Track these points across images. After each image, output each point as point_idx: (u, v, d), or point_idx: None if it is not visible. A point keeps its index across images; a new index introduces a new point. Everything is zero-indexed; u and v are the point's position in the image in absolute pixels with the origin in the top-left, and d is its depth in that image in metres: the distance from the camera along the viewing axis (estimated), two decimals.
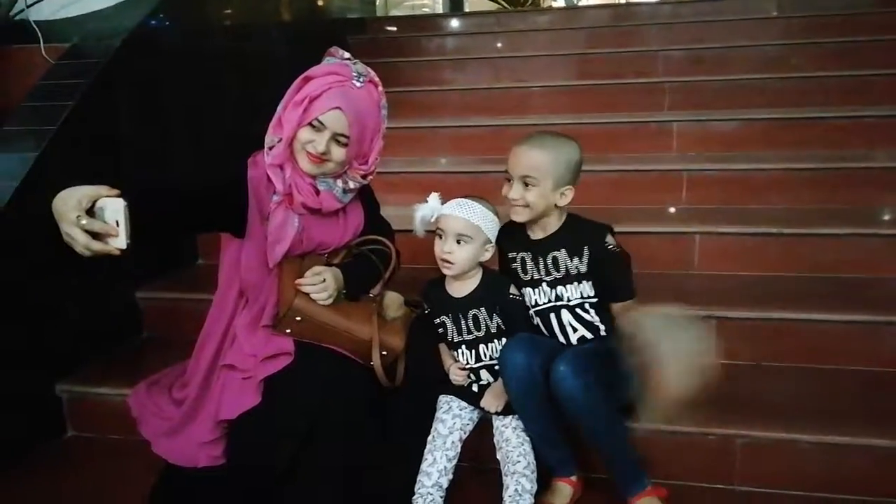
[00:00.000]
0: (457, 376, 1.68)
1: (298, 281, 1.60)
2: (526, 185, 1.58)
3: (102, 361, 2.13)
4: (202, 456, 1.66)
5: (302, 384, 1.55)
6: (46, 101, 2.05)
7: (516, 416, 1.62)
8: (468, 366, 1.69)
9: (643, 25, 4.00)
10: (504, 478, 1.53)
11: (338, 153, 1.61)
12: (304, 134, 1.59)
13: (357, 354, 1.64)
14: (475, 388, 1.69)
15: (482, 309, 1.65)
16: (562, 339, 1.65)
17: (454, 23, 4.57)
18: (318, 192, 1.65)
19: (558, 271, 1.63)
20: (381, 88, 1.68)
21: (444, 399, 1.70)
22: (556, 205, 1.61)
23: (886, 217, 2.32)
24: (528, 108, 3.27)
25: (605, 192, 2.55)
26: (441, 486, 1.54)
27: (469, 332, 1.67)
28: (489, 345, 1.67)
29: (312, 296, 1.60)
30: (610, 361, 1.54)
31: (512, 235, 1.68)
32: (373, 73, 1.67)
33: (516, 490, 1.48)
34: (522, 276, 1.69)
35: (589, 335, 1.65)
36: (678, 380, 1.32)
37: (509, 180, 1.62)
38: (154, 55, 2.42)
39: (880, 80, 2.98)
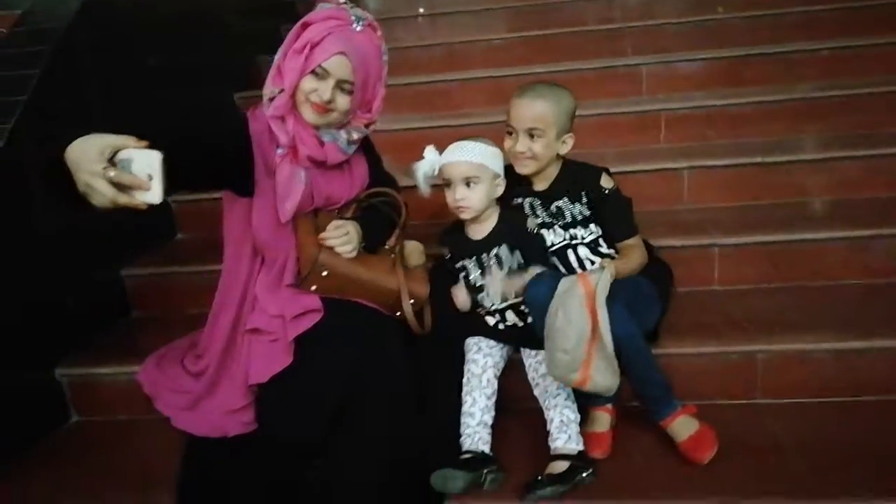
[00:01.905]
0: (461, 295, 1.67)
1: (322, 235, 1.56)
2: (532, 136, 1.59)
3: (98, 342, 2.03)
4: (232, 424, 1.62)
5: (336, 339, 1.52)
6: (9, 70, 1.90)
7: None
8: (493, 307, 1.68)
9: None
10: (546, 412, 1.54)
11: (343, 101, 1.55)
12: (308, 83, 1.53)
13: (384, 305, 1.62)
14: (501, 326, 1.69)
15: (503, 246, 1.64)
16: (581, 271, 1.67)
17: None
18: (322, 144, 1.59)
19: (564, 218, 1.66)
20: (379, 33, 1.62)
21: (472, 341, 1.69)
22: (557, 153, 1.62)
23: (857, 143, 2.41)
24: (492, 61, 3.24)
25: (587, 136, 2.53)
26: (486, 424, 1.55)
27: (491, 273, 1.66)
28: None
29: (337, 249, 1.56)
30: (634, 290, 1.57)
31: (517, 184, 1.69)
32: (371, 17, 1.61)
33: (562, 421, 1.50)
34: (534, 218, 1.70)
35: None
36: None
37: (510, 133, 1.62)
38: (114, 17, 2.27)
39: (828, 15, 3.09)
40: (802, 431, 1.59)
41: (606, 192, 1.65)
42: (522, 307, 1.64)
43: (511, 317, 1.69)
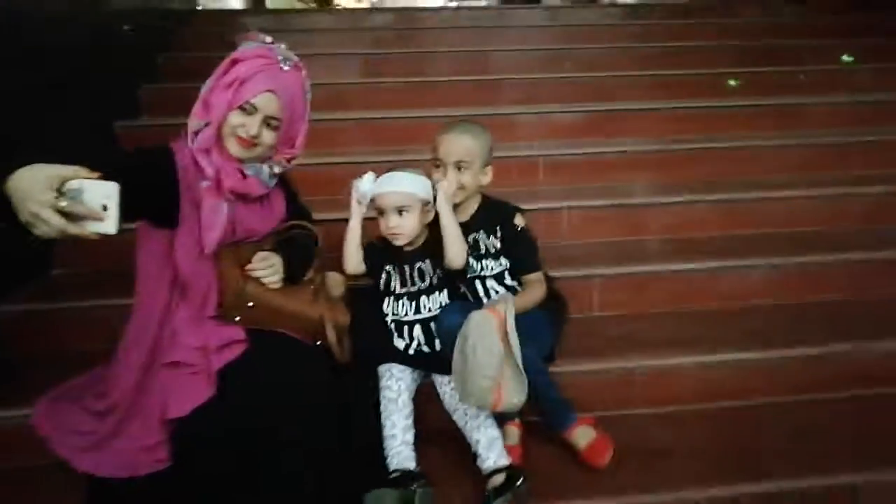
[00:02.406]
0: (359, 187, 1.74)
1: (250, 266, 1.59)
2: (459, 168, 1.74)
3: None
4: (144, 461, 1.57)
5: (261, 369, 1.54)
6: None
7: None
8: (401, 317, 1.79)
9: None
10: (469, 434, 1.65)
11: (268, 137, 1.61)
12: (235, 118, 1.57)
13: (305, 334, 1.66)
14: (411, 351, 1.79)
15: (426, 261, 1.76)
16: (486, 301, 1.82)
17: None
18: (245, 177, 1.63)
19: (479, 250, 1.82)
20: (304, 72, 1.71)
21: (383, 368, 1.77)
22: (481, 183, 1.79)
23: (711, 189, 2.80)
24: (373, 103, 3.38)
25: None
26: (408, 443, 1.63)
27: (413, 284, 1.77)
28: (430, 297, 1.78)
29: (263, 280, 1.60)
30: (532, 321, 1.74)
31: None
32: (296, 58, 1.69)
33: (488, 440, 1.62)
34: None
35: None
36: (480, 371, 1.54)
37: (437, 166, 1.76)
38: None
39: (687, 80, 3.58)
40: (677, 434, 1.84)
41: (519, 229, 1.82)
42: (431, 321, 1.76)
43: (419, 338, 1.78)
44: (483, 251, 1.82)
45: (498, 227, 1.82)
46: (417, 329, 1.78)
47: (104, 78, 2.93)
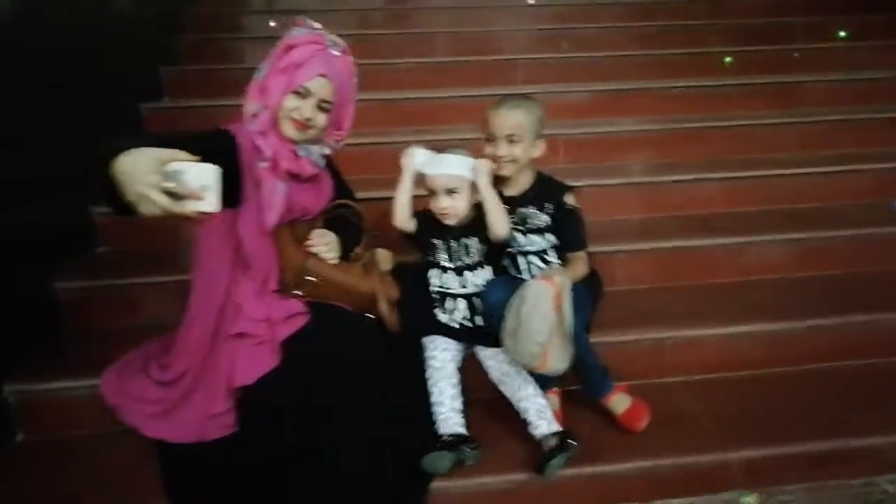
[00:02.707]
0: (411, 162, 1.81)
1: (309, 242, 1.67)
2: (511, 141, 1.81)
3: (39, 357, 1.96)
4: (212, 428, 1.66)
5: (324, 340, 1.64)
6: None
7: (501, 348, 1.85)
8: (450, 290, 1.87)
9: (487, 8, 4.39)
10: (519, 403, 1.76)
11: (321, 119, 1.69)
12: (290, 101, 1.65)
13: (357, 307, 1.75)
14: (454, 324, 1.87)
15: (472, 238, 1.84)
16: (528, 277, 1.90)
17: None
18: (298, 158, 1.71)
19: (527, 224, 1.89)
20: (351, 58, 1.78)
21: (428, 340, 1.86)
22: (531, 157, 1.86)
23: (718, 167, 2.90)
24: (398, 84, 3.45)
25: None
26: (456, 409, 1.73)
27: (459, 259, 1.85)
28: (475, 272, 1.86)
29: (322, 256, 1.68)
30: (575, 294, 1.83)
31: None
32: (344, 43, 1.76)
33: (537, 409, 1.72)
34: None
35: None
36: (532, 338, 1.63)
37: (489, 140, 1.84)
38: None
39: (686, 59, 3.67)
40: (705, 401, 1.96)
41: (570, 207, 1.89)
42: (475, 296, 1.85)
43: (463, 311, 1.86)
44: (531, 226, 1.89)
45: (549, 204, 1.89)
46: (462, 303, 1.87)
47: (126, 61, 2.98)
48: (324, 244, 1.69)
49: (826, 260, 2.47)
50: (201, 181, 1.24)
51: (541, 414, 1.71)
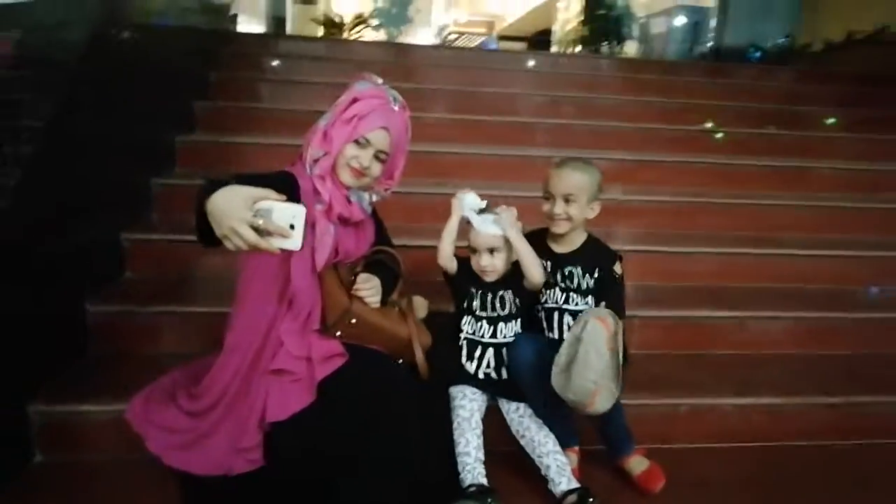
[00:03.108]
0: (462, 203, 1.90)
1: (358, 286, 1.73)
2: (567, 201, 1.90)
3: (65, 380, 1.98)
4: (238, 462, 1.68)
5: (361, 381, 1.68)
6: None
7: (523, 403, 1.91)
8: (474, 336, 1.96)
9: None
10: (539, 459, 1.81)
11: (376, 168, 1.78)
12: (350, 150, 1.74)
13: (393, 352, 1.80)
14: (481, 374, 1.94)
15: (508, 290, 1.92)
16: (557, 334, 1.96)
17: None
18: (350, 203, 1.80)
19: (572, 283, 1.96)
20: (408, 113, 1.87)
21: (456, 389, 1.92)
22: (588, 217, 1.94)
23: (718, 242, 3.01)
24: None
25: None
26: (480, 460, 1.78)
27: (493, 310, 1.93)
28: (507, 324, 1.93)
29: (367, 300, 1.74)
30: None
31: (535, 244, 1.94)
32: (403, 99, 1.85)
33: (558, 466, 1.77)
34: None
35: None
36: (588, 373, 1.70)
37: (548, 198, 1.93)
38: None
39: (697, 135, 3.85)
40: (715, 467, 2.02)
41: (617, 276, 1.96)
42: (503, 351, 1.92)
43: (489, 361, 1.93)
44: (576, 286, 1.95)
45: (597, 269, 1.95)
46: (490, 352, 1.93)
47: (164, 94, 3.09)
48: (368, 288, 1.75)
49: (828, 340, 2.57)
50: (288, 220, 1.32)
51: (561, 471, 1.76)
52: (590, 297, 1.96)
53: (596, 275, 1.95)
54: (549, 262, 1.98)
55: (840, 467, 2.07)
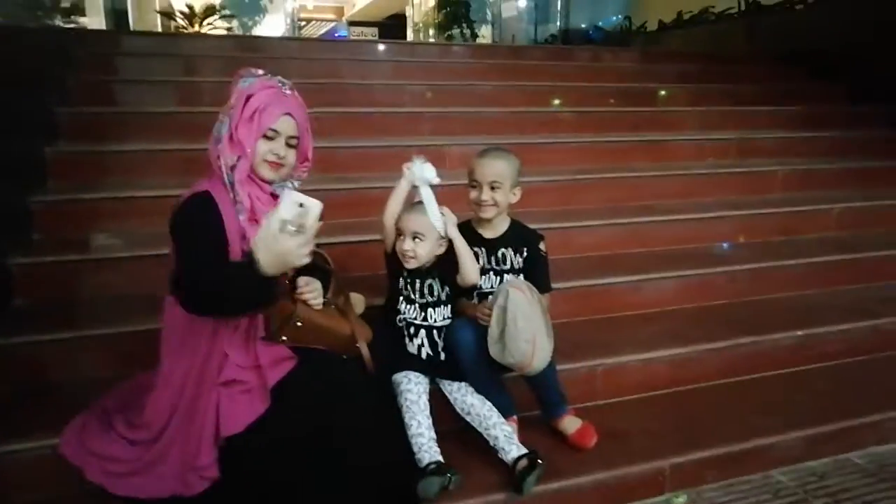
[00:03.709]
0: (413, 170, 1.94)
1: (301, 290, 1.74)
2: (493, 188, 2.01)
3: None
4: (194, 480, 1.65)
5: (316, 381, 1.70)
6: None
7: (464, 382, 2.02)
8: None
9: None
10: (487, 431, 1.93)
11: (291, 155, 1.78)
12: (262, 145, 1.72)
13: (336, 349, 1.83)
14: (423, 355, 2.02)
15: (436, 279, 2.01)
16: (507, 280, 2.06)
17: None
18: (275, 198, 1.76)
19: (504, 264, 2.09)
20: (298, 93, 1.84)
21: (400, 375, 1.99)
22: (510, 202, 2.06)
23: (601, 214, 3.29)
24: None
25: None
26: (433, 439, 1.86)
27: (422, 297, 2.01)
28: (436, 309, 2.02)
29: (310, 302, 1.75)
30: None
31: (465, 233, 2.04)
32: (290, 82, 1.83)
33: (505, 435, 1.90)
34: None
35: None
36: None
37: (474, 186, 2.03)
38: None
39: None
40: (633, 418, 2.25)
41: (542, 253, 2.12)
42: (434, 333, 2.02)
43: (424, 342, 2.02)
44: (507, 266, 2.09)
45: (525, 248, 2.10)
46: (423, 333, 2.02)
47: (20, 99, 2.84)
48: (311, 290, 1.76)
49: (707, 293, 2.91)
50: (298, 208, 1.50)
51: (509, 440, 1.89)
52: (519, 275, 2.10)
53: (525, 254, 2.10)
54: (482, 249, 2.09)
55: (738, 401, 2.38)
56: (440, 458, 1.82)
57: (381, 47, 5.47)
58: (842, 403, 2.37)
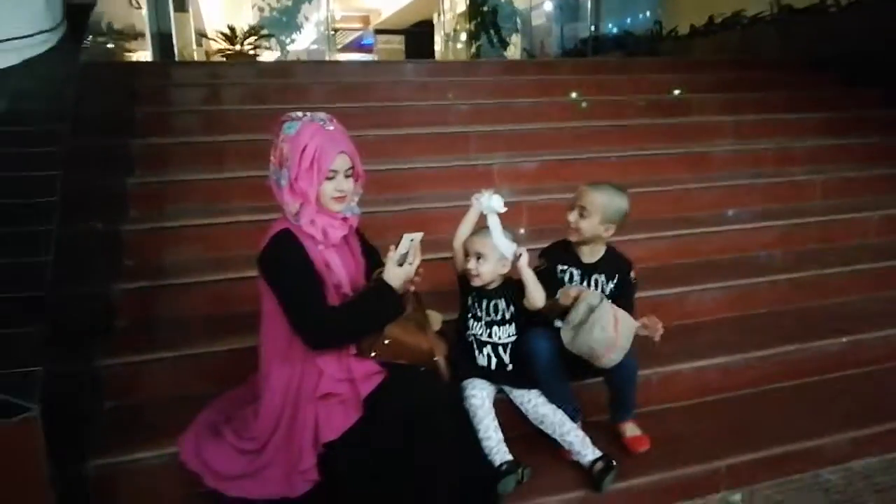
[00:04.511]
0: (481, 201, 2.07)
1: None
2: (581, 214, 2.15)
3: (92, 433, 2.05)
4: (298, 482, 1.85)
5: (402, 393, 1.89)
6: None
7: (534, 390, 2.19)
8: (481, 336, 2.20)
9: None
10: (562, 437, 2.11)
11: (350, 184, 1.93)
12: (327, 187, 1.88)
13: (417, 363, 2.01)
14: (492, 365, 2.19)
15: (501, 299, 2.17)
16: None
17: None
18: (345, 219, 1.98)
19: (597, 289, 2.22)
20: (336, 121, 1.98)
21: (465, 382, 2.16)
22: (600, 235, 2.18)
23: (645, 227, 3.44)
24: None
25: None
26: (502, 440, 2.05)
27: (488, 315, 2.17)
28: (501, 328, 2.18)
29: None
30: None
31: (565, 251, 2.22)
32: (327, 115, 1.96)
33: (581, 440, 2.09)
34: (570, 284, 2.21)
35: None
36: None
37: (573, 208, 2.18)
38: None
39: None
40: (688, 423, 2.42)
41: (633, 281, 2.26)
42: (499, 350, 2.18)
43: (490, 357, 2.18)
44: (600, 291, 2.19)
45: (617, 275, 2.24)
46: (488, 349, 2.19)
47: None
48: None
49: (750, 302, 3.04)
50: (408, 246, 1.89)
51: (584, 444, 2.08)
52: (610, 300, 2.18)
53: (615, 280, 2.24)
54: (578, 270, 2.23)
55: (786, 405, 2.53)
56: (510, 458, 2.01)
57: (410, 66, 5.61)
58: (887, 406, 2.50)
